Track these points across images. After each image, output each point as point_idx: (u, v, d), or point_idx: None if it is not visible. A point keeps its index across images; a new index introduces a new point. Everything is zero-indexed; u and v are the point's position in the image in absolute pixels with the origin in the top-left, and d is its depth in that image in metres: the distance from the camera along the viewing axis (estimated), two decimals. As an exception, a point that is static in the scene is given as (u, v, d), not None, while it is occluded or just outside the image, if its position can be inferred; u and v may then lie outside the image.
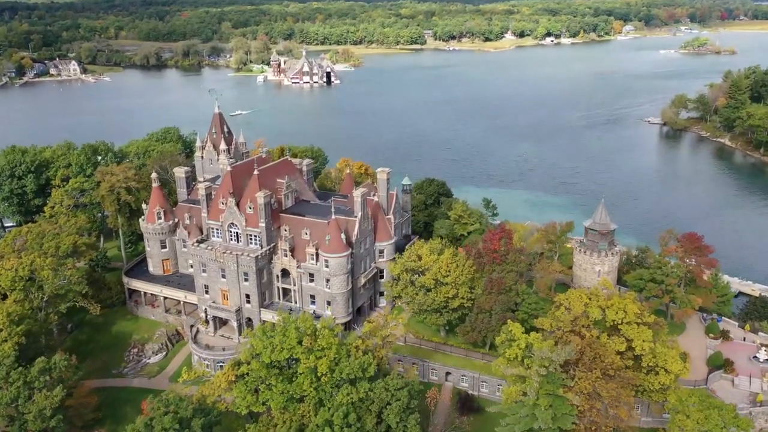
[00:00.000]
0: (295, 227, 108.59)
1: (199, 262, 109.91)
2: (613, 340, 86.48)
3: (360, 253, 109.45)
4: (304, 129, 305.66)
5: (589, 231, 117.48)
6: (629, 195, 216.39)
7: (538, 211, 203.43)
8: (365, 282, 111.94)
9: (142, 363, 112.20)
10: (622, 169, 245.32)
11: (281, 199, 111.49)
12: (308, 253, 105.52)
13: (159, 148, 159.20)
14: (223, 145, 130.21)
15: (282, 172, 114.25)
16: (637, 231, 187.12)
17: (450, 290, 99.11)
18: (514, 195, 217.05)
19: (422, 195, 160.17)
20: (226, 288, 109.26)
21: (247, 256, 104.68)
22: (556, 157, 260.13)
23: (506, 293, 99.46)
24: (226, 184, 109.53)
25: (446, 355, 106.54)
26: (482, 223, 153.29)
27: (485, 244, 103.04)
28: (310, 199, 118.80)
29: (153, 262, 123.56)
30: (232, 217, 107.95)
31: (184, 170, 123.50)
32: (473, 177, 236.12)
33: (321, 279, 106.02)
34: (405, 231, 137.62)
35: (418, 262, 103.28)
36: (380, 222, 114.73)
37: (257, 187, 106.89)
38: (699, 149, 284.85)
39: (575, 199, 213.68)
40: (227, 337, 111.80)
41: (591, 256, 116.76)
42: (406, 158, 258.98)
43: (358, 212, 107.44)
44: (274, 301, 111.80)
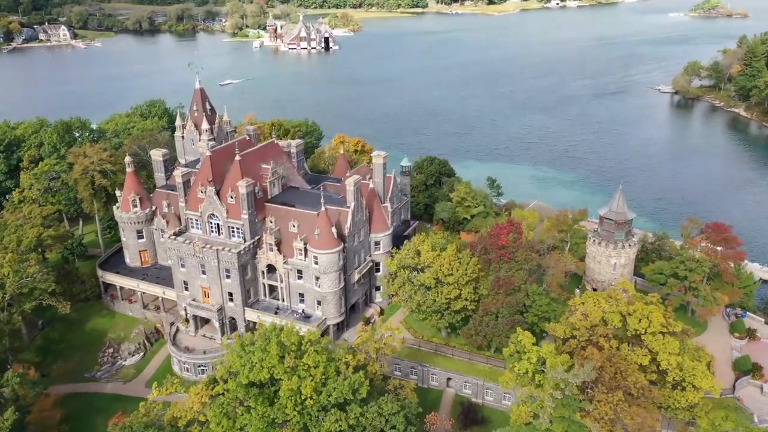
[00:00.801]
0: (281, 219, 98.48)
1: (177, 256, 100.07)
2: (635, 352, 77.08)
3: (353, 247, 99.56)
4: (300, 99, 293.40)
5: (604, 220, 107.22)
6: (640, 170, 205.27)
7: (545, 188, 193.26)
8: (360, 277, 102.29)
9: (117, 365, 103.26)
10: (631, 141, 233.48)
11: (266, 186, 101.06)
12: (296, 248, 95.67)
13: (139, 126, 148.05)
14: (205, 124, 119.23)
15: (267, 156, 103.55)
16: (650, 209, 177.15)
17: (452, 291, 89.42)
18: (519, 170, 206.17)
19: (422, 175, 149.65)
20: (207, 285, 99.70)
21: (228, 251, 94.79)
22: (562, 129, 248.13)
23: (514, 294, 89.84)
24: (204, 171, 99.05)
25: (447, 358, 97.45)
26: (486, 205, 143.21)
27: (491, 240, 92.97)
28: (299, 186, 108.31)
29: (129, 253, 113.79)
30: (211, 208, 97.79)
31: (162, 153, 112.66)
32: (476, 151, 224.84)
33: (310, 276, 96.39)
34: (404, 216, 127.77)
35: (416, 259, 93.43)
36: (376, 211, 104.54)
37: (239, 175, 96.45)
38: (712, 120, 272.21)
39: (583, 175, 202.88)
40: (209, 338, 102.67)
41: (606, 248, 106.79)
42: (405, 131, 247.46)
43: (351, 202, 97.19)
44: (259, 299, 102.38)
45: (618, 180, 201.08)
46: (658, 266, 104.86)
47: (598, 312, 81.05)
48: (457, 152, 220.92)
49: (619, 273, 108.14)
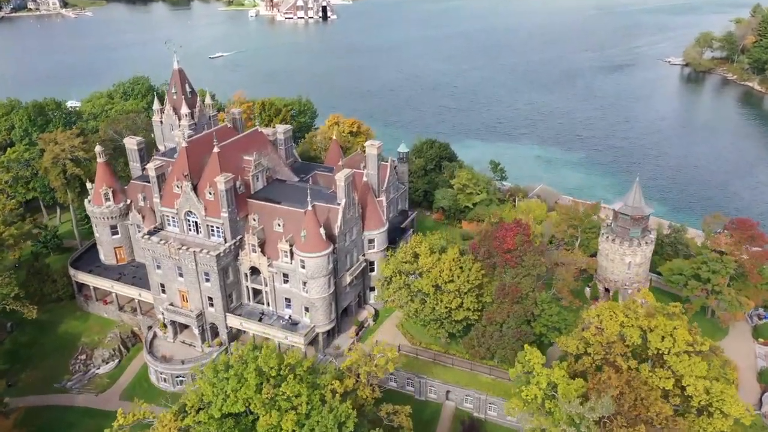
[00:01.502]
0: (265, 216, 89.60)
1: (152, 257, 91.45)
2: (657, 374, 68.89)
3: (344, 247, 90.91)
4: (294, 73, 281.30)
5: (619, 215, 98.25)
6: (650, 149, 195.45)
7: (550, 170, 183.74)
8: (352, 279, 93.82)
9: (90, 374, 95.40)
10: (640, 118, 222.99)
11: (249, 180, 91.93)
12: (281, 250, 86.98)
13: (118, 107, 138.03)
14: (184, 108, 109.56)
15: (250, 146, 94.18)
16: (661, 193, 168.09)
17: (453, 299, 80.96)
18: (523, 151, 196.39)
19: (421, 159, 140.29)
20: (185, 289, 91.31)
21: (206, 253, 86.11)
22: (568, 105, 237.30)
23: (521, 302, 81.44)
24: (180, 164, 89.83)
25: (447, 368, 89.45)
26: (489, 191, 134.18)
27: (496, 243, 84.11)
28: (286, 179, 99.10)
29: (104, 250, 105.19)
30: (188, 205, 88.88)
31: (136, 141, 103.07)
32: (478, 129, 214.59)
33: (297, 281, 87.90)
34: (401, 206, 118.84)
35: (414, 264, 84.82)
36: (370, 206, 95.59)
37: (217, 169, 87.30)
38: (724, 94, 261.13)
39: (590, 155, 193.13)
40: (189, 344, 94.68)
41: (621, 246, 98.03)
42: (404, 106, 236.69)
43: (341, 198, 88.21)
44: (243, 303, 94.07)
45: (626, 160, 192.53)
46: (677, 266, 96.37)
47: (615, 326, 72.68)
48: (458, 130, 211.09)
49: (634, 272, 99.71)
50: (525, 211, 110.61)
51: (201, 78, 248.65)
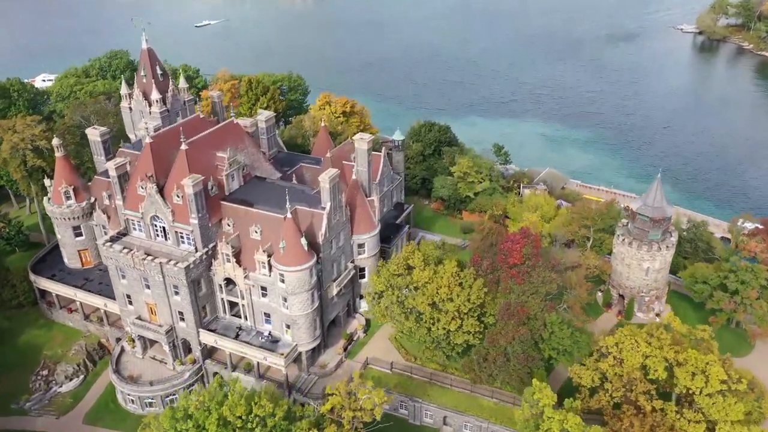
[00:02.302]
0: (241, 221, 79.58)
1: (116, 266, 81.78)
2: (686, 416, 59.87)
3: (330, 255, 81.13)
4: (285, 43, 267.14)
5: (637, 216, 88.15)
6: (662, 128, 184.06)
7: (557, 150, 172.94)
8: (340, 289, 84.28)
9: (52, 393, 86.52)
10: (652, 92, 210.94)
11: (223, 181, 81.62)
12: (258, 261, 77.21)
13: (88, 87, 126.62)
14: (155, 94, 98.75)
15: (224, 140, 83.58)
16: (676, 176, 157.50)
17: (451, 321, 71.46)
18: (527, 129, 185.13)
19: (419, 144, 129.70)
20: (153, 302, 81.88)
21: (174, 264, 76.36)
22: (575, 79, 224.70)
23: (529, 322, 72.01)
24: (144, 163, 79.45)
25: (445, 389, 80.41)
26: (493, 179, 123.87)
27: (501, 256, 74.12)
28: (266, 176, 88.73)
29: (67, 252, 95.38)
30: (154, 209, 78.81)
31: (100, 132, 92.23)
32: (480, 104, 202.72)
33: (276, 296, 78.33)
34: (396, 198, 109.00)
35: (407, 278, 75.10)
36: (359, 207, 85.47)
37: (186, 169, 76.93)
38: (739, 65, 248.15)
39: (599, 134, 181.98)
40: (160, 361, 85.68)
41: (638, 250, 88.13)
42: (402, 80, 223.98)
43: (326, 203, 78.08)
44: (218, 316, 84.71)
45: (637, 139, 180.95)
46: (701, 272, 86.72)
47: (637, 357, 63.44)
48: (458, 106, 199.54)
49: (652, 278, 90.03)
50: (532, 207, 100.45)
51: (186, 48, 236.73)
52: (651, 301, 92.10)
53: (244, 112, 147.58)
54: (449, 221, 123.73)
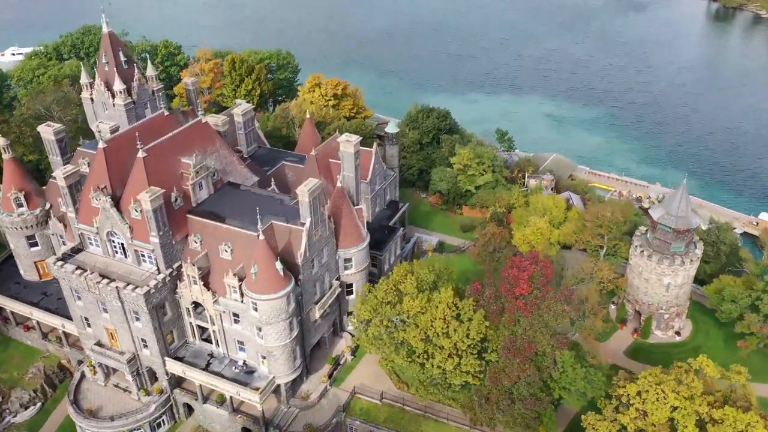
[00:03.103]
0: (210, 238, 69.77)
1: (69, 286, 72.33)
2: (722, 484, 51.20)
3: (312, 276, 71.62)
4: (278, 17, 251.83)
5: (658, 226, 78.29)
6: (676, 106, 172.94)
7: (564, 131, 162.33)
8: (324, 311, 74.97)
9: (5, 423, 77.87)
10: (665, 66, 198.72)
11: (189, 190, 71.51)
12: (228, 285, 67.71)
13: (52, 72, 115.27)
14: (118, 84, 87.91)
15: (190, 144, 73.15)
16: (692, 161, 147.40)
17: (448, 359, 62.25)
18: (531, 107, 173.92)
19: (416, 132, 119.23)
20: (112, 327, 72.71)
21: (132, 289, 66.88)
22: (582, 52, 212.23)
23: (536, 359, 62.86)
24: (96, 172, 69.31)
25: (440, 424, 71.83)
26: (495, 170, 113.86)
27: (505, 286, 64.39)
28: (241, 181, 78.57)
29: (22, 264, 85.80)
30: (110, 224, 69.05)
31: (53, 130, 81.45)
32: (481, 81, 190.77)
33: (250, 324, 69.06)
34: (390, 196, 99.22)
35: (397, 307, 65.60)
36: (345, 218, 75.55)
37: (144, 180, 66.90)
38: (757, 35, 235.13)
39: (609, 113, 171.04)
40: (124, 389, 76.88)
41: (659, 264, 78.54)
42: (401, 55, 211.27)
43: (306, 218, 68.21)
44: (187, 341, 75.55)
45: (649, 119, 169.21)
46: (729, 291, 77.23)
47: (664, 411, 54.42)
48: (459, 82, 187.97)
49: (673, 295, 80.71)
50: (539, 211, 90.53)
51: (169, 23, 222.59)
52: (671, 319, 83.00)
53: (228, 93, 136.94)
54: (448, 217, 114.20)
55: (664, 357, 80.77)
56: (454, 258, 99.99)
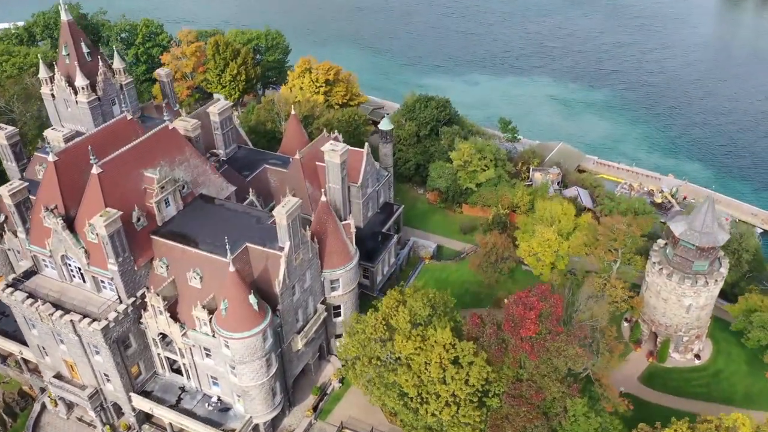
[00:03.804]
0: (177, 263, 61.85)
1: (21, 314, 64.70)
2: None
3: (293, 303, 63.95)
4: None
5: (680, 242, 70.29)
6: (691, 88, 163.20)
7: (571, 117, 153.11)
8: (308, 339, 67.45)
9: (-41, 459, 71.46)
10: (679, 44, 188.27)
11: (153, 209, 63.32)
12: (197, 318, 60.04)
13: (17, 60, 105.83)
14: (80, 79, 78.98)
15: (155, 154, 64.70)
16: (707, 150, 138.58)
17: (444, 408, 54.79)
18: (536, 90, 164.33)
19: (413, 123, 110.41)
20: (71, 359, 65.33)
21: (89, 324, 59.25)
22: (590, 28, 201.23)
23: (544, 405, 55.48)
24: (47, 188, 61.07)
25: (437, 466, 64.96)
26: (498, 164, 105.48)
27: (509, 324, 56.51)
28: (216, 192, 70.27)
29: (-23, 280, 78.26)
30: (63, 247, 61.16)
31: (6, 134, 72.99)
32: (483, 60, 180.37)
33: (223, 361, 61.58)
34: (384, 197, 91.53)
35: (388, 345, 57.94)
36: (332, 236, 67.45)
37: (99, 199, 58.80)
38: None
39: (619, 96, 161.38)
40: (89, 423, 69.86)
41: (680, 284, 70.80)
42: (397, 28, 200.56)
43: (284, 242, 60.17)
44: (156, 372, 68.19)
45: (662, 102, 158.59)
46: (759, 318, 69.63)
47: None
48: (459, 62, 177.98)
49: (694, 316, 73.15)
50: (546, 219, 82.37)
51: None
52: (690, 342, 75.57)
53: (212, 79, 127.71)
54: (447, 216, 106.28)
55: (683, 384, 74.01)
56: (453, 266, 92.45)
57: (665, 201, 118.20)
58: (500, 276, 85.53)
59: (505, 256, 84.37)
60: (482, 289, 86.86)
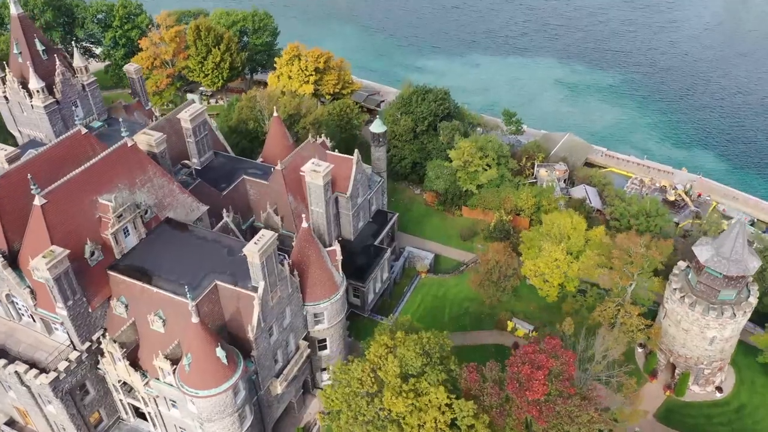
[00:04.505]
0: (138, 303, 54.38)
1: (-34, 358, 57.49)
2: None
3: (271, 346, 56.67)
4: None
5: (706, 269, 62.80)
6: (706, 70, 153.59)
7: (577, 103, 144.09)
8: (289, 380, 60.37)
9: None
10: (694, 21, 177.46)
11: (109, 240, 55.56)
12: (159, 369, 52.81)
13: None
14: (34, 82, 70.54)
15: (112, 176, 56.59)
16: (723, 140, 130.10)
17: (440, 479, 47.95)
18: (540, 72, 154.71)
19: (410, 118, 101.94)
20: (22, 407, 58.35)
21: (34, 377, 52.07)
22: (597, 6, 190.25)
23: (555, 473, 48.59)
24: (-16, 221, 53.37)
25: None
26: (501, 160, 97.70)
27: (513, 383, 49.05)
28: (185, 214, 62.38)
29: (-74, 306, 70.84)
30: (5, 286, 53.65)
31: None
32: (484, 40, 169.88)
33: (190, 415, 54.53)
34: (377, 205, 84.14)
35: (376, 399, 50.71)
36: (314, 266, 59.79)
37: (44, 234, 51.06)
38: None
39: (629, 80, 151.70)
40: (48, 469, 63.29)
41: (703, 315, 63.58)
42: (391, 8, 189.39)
43: (258, 281, 52.60)
44: (120, 419, 61.29)
45: (676, 86, 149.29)
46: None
47: None
48: (458, 43, 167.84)
49: (718, 349, 66.10)
50: (555, 236, 74.62)
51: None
52: (712, 374, 68.66)
53: (193, 67, 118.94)
54: (445, 219, 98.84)
55: (704, 422, 67.44)
56: (451, 281, 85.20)
57: (678, 199, 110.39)
58: (503, 295, 78.32)
59: (508, 273, 76.99)
60: (483, 309, 79.80)
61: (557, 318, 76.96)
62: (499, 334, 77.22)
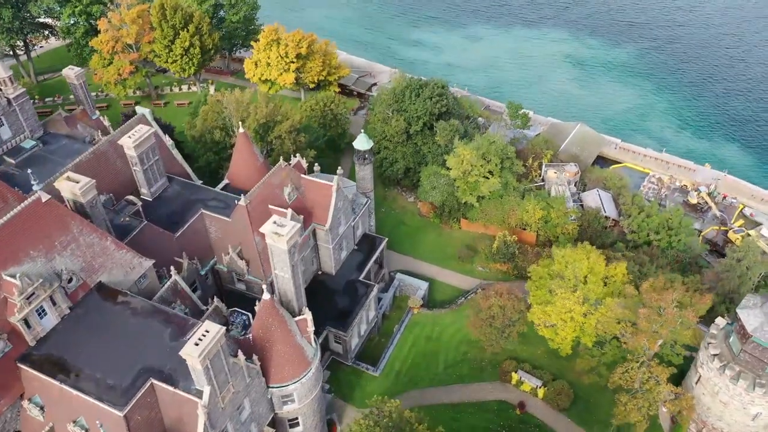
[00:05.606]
0: (54, 405, 43.69)
1: None
2: None
3: (225, 448, 46.38)
4: None
5: (753, 339, 52.08)
6: (729, 47, 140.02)
7: (588, 86, 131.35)
8: (250, 476, 50.41)
9: None
10: None
11: (19, 327, 44.39)
12: (83, 492, 42.58)
13: None
14: (-55, 100, 58.25)
15: (20, 243, 45.07)
16: (749, 130, 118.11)
17: None
18: (547, 48, 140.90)
19: (402, 118, 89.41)
20: None
21: (-72, 503, 41.96)
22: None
23: None
24: None
25: None
26: (506, 164, 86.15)
27: None
28: (122, 274, 50.85)
29: None
30: None
31: None
32: (485, 10, 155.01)
33: None
34: (363, 229, 73.18)
35: None
36: (279, 344, 48.79)
37: (-72, 333, 39.93)
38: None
39: (645, 56, 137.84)
40: None
41: (748, 391, 53.20)
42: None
43: (204, 385, 41.77)
44: None
45: (697, 66, 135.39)
46: None
47: None
48: (458, 13, 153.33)
49: (761, 425, 55.94)
50: (569, 279, 63.37)
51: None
52: (752, 450, 58.75)
53: (160, 52, 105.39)
54: (442, 234, 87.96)
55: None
56: (448, 318, 74.44)
57: (701, 202, 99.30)
58: (506, 342, 67.82)
59: (513, 318, 66.28)
60: (484, 355, 69.32)
61: (569, 368, 67.14)
62: (503, 387, 67.06)
